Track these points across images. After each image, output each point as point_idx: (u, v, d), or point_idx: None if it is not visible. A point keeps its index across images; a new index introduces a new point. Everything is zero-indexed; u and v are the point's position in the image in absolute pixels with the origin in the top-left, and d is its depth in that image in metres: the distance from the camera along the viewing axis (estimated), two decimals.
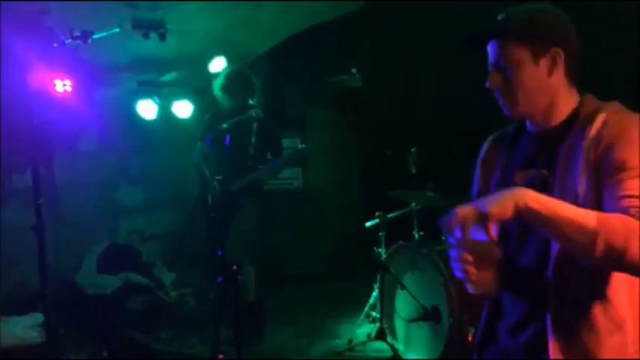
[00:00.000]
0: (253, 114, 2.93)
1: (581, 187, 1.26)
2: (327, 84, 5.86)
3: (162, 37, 3.83)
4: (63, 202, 4.55)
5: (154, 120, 4.68)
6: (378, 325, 3.64)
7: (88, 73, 4.06)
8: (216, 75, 4.59)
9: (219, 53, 4.55)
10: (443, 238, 3.55)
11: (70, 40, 3.46)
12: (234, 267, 2.19)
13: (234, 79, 3.99)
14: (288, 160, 4.16)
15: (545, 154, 1.38)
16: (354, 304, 4.29)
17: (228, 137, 2.79)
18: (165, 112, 4.68)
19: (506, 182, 1.43)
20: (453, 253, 1.28)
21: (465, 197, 1.48)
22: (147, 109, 4.59)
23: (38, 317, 3.31)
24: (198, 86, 4.94)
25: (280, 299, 4.88)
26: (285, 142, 4.78)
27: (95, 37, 3.55)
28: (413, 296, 3.26)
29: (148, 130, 4.86)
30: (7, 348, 3.15)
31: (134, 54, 4.34)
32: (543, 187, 1.33)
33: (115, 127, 4.75)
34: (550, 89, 1.35)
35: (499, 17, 1.40)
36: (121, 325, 4.09)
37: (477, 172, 1.59)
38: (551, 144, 1.36)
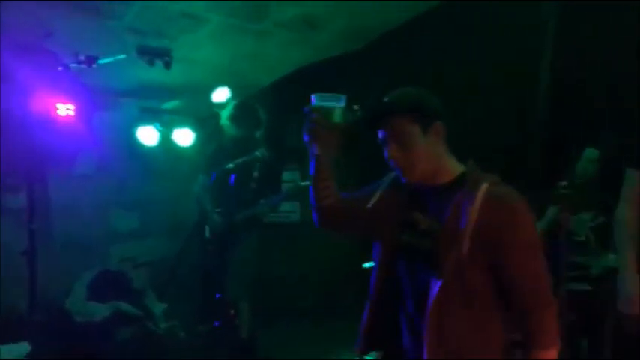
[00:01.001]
0: (259, 154, 2.87)
1: (465, 247, 1.47)
2: None
3: (168, 65, 3.82)
4: (56, 225, 4.47)
5: (154, 147, 4.66)
6: None
7: (90, 97, 4.05)
8: (219, 105, 4.59)
9: (222, 83, 4.55)
10: None
11: (74, 65, 3.46)
12: (232, 311, 2.11)
13: (242, 110, 4.01)
14: (289, 196, 4.13)
15: (435, 206, 1.60)
16: (349, 343, 4.18)
17: (233, 177, 2.75)
18: (165, 140, 4.67)
19: (404, 219, 1.66)
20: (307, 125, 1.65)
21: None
22: (148, 135, 4.58)
23: (25, 347, 3.20)
24: (200, 115, 4.93)
25: (274, 334, 4.76)
26: (284, 176, 4.74)
27: (100, 62, 3.55)
28: None
29: (147, 156, 4.82)
30: None
31: (137, 80, 4.34)
32: (430, 234, 1.57)
33: (114, 152, 4.71)
34: (437, 156, 1.60)
35: (386, 99, 1.61)
36: (110, 355, 3.97)
37: (375, 190, 1.77)
38: (440, 199, 1.59)
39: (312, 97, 1.63)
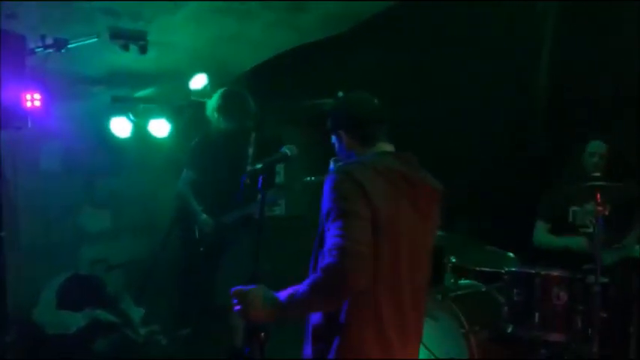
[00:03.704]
0: (288, 152, 2.45)
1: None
2: (306, 106, 5.56)
3: (143, 49, 3.52)
4: (21, 227, 4.06)
5: (127, 139, 4.29)
6: None
7: (57, 85, 3.64)
8: (197, 92, 4.25)
9: (200, 69, 4.22)
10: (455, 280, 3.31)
11: (41, 49, 3.07)
12: (263, 334, 1.79)
13: (231, 99, 3.66)
14: (285, 190, 3.89)
15: None
16: None
17: (260, 178, 2.30)
18: (139, 131, 4.30)
19: None
20: None
21: None
22: (120, 126, 4.20)
23: None
24: (176, 104, 4.56)
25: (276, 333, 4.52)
26: None
27: (70, 46, 3.16)
28: (426, 347, 2.96)
29: (118, 148, 4.44)
30: None
31: (109, 66, 3.96)
32: None
33: (83, 146, 4.31)
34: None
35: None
36: None
37: None
38: None
39: None
